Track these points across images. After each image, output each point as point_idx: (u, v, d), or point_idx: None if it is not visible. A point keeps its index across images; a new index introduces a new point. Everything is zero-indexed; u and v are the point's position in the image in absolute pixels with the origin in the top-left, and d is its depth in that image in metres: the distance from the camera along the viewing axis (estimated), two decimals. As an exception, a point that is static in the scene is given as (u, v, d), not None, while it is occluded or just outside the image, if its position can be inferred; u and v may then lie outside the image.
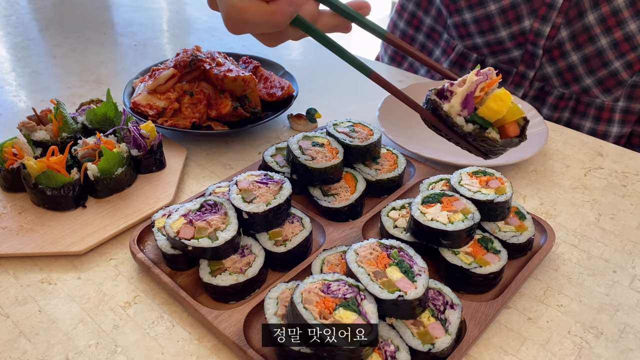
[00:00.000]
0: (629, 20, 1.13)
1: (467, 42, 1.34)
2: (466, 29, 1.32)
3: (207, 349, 0.71)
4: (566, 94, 1.28)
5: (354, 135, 0.95)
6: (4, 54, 1.55)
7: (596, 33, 1.17)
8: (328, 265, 0.76)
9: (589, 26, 1.17)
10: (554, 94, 1.30)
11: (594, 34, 1.17)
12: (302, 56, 1.55)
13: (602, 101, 1.26)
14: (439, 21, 1.41)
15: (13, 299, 0.78)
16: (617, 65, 1.18)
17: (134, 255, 0.81)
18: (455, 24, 1.33)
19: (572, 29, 1.19)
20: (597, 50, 1.18)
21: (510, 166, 1.08)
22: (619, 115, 1.28)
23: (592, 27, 1.17)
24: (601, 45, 1.17)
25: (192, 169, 1.06)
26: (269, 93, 1.23)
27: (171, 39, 1.67)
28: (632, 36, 1.13)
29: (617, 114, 1.27)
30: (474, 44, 1.33)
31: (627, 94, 1.25)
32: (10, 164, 0.93)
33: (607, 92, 1.23)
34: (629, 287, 0.82)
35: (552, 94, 1.31)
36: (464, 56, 1.38)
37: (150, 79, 1.15)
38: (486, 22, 1.27)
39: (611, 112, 1.28)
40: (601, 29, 1.16)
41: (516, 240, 0.81)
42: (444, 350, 0.65)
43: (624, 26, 1.14)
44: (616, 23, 1.14)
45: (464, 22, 1.31)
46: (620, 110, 1.27)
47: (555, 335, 0.74)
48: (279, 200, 0.79)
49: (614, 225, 0.94)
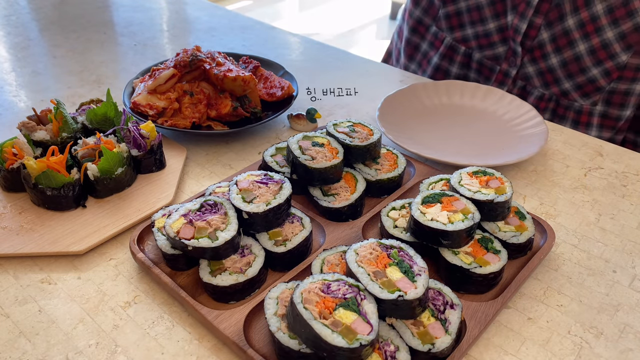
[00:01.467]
0: (607, 28, 1.13)
1: (456, 34, 1.36)
2: (458, 19, 1.35)
3: (207, 349, 0.72)
4: (546, 95, 1.30)
5: (354, 135, 0.95)
6: (4, 54, 1.55)
7: (575, 38, 1.18)
8: (328, 265, 0.76)
9: (569, 30, 1.18)
10: (534, 94, 1.32)
11: (573, 39, 1.18)
12: (302, 56, 1.55)
13: (580, 105, 1.27)
14: (429, 13, 1.43)
15: (13, 299, 0.78)
16: (595, 72, 1.19)
17: (134, 255, 0.82)
18: (448, 13, 1.36)
19: (553, 31, 1.20)
20: (576, 55, 1.20)
21: (510, 166, 1.08)
22: (597, 120, 1.29)
23: (571, 32, 1.18)
24: (579, 51, 1.19)
25: (192, 169, 1.06)
26: (269, 93, 1.23)
27: (171, 39, 1.67)
28: (609, 44, 1.14)
29: (595, 117, 1.28)
30: (463, 36, 1.35)
31: (605, 99, 1.26)
32: (10, 164, 0.93)
33: (585, 97, 1.25)
34: (629, 287, 0.82)
35: (533, 94, 1.33)
36: (452, 49, 1.41)
37: (150, 79, 1.15)
38: (476, 12, 1.30)
39: (589, 116, 1.29)
40: (580, 34, 1.17)
41: (516, 240, 0.81)
42: (444, 350, 0.65)
43: (602, 33, 1.14)
44: (594, 29, 1.15)
45: (457, 11, 1.34)
46: (598, 115, 1.28)
47: (555, 335, 0.74)
48: (279, 200, 0.79)
49: (614, 225, 0.94)
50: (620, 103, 1.24)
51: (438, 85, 1.29)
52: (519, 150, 1.07)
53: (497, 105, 1.24)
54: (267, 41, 1.63)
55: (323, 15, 5.16)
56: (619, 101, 1.23)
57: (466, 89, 1.28)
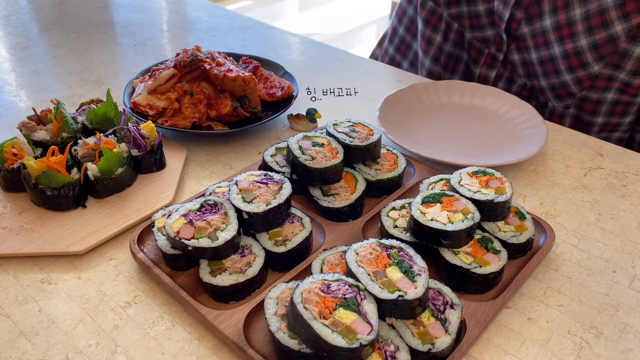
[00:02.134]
0: (581, 35, 1.13)
1: (452, 10, 1.37)
2: None
3: (207, 349, 0.72)
4: (528, 85, 1.31)
5: (354, 135, 0.95)
6: (4, 54, 1.55)
7: (551, 39, 1.18)
8: (328, 265, 0.76)
9: (546, 30, 1.18)
10: (518, 82, 1.34)
11: (550, 40, 1.19)
12: (302, 56, 1.55)
13: (553, 106, 1.28)
14: None
15: (13, 299, 0.78)
16: (567, 78, 1.20)
17: (134, 255, 0.82)
18: None
19: (532, 27, 1.21)
20: (551, 56, 1.20)
21: (510, 166, 1.08)
22: (569, 122, 1.30)
23: (548, 32, 1.18)
24: (554, 53, 1.19)
25: (192, 169, 1.06)
26: (269, 93, 1.23)
27: (171, 39, 1.67)
28: (582, 52, 1.14)
29: (567, 119, 1.30)
30: (458, 13, 1.36)
31: (577, 104, 1.27)
32: (11, 164, 0.93)
33: (558, 99, 1.26)
34: (629, 287, 0.82)
35: (516, 83, 1.35)
36: (447, 25, 1.41)
37: (150, 79, 1.15)
38: None
39: (561, 119, 1.30)
40: (556, 37, 1.17)
41: (516, 240, 0.81)
42: (444, 350, 0.65)
43: (576, 40, 1.14)
44: (569, 34, 1.15)
45: None
46: (570, 117, 1.29)
47: (555, 335, 0.74)
48: (279, 200, 0.79)
49: (614, 225, 0.94)
50: (592, 111, 1.24)
51: (438, 85, 1.29)
52: (519, 150, 1.07)
53: (497, 105, 1.24)
54: (267, 41, 1.63)
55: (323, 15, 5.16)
56: (590, 109, 1.24)
57: (466, 89, 1.28)
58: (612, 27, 1.08)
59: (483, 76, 1.40)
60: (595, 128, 1.29)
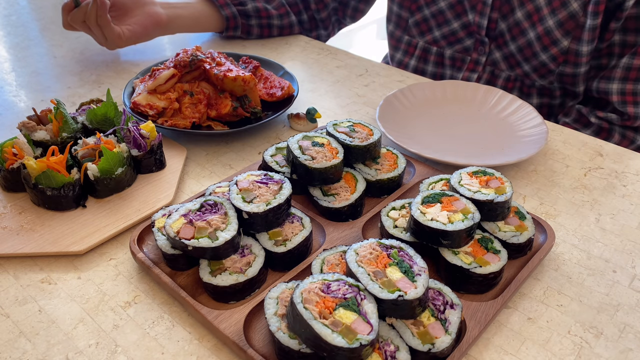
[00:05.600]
0: (548, 17, 1.30)
1: (427, 37, 1.54)
2: (426, 24, 1.52)
3: (207, 349, 0.72)
4: (512, 76, 1.46)
5: (354, 135, 0.95)
6: (4, 54, 1.55)
7: (525, 27, 1.35)
8: (328, 265, 0.76)
9: (519, 21, 1.35)
10: (502, 76, 1.47)
11: (524, 28, 1.35)
12: (302, 56, 1.55)
13: (540, 84, 1.43)
14: (400, 25, 1.60)
15: (13, 299, 0.78)
16: (544, 57, 1.35)
17: (134, 255, 0.82)
18: (417, 21, 1.54)
19: (508, 22, 1.37)
20: (528, 42, 1.36)
21: (510, 166, 1.08)
22: (559, 92, 1.44)
23: (521, 22, 1.35)
24: (530, 38, 1.35)
25: (192, 169, 1.06)
26: (269, 93, 1.23)
27: (171, 39, 1.67)
28: (551, 31, 1.30)
29: (556, 91, 1.44)
30: (434, 38, 1.53)
31: (558, 79, 1.41)
32: (10, 164, 0.93)
33: (542, 78, 1.41)
34: (628, 287, 0.82)
35: (501, 77, 1.48)
36: (426, 51, 1.57)
37: (150, 79, 1.15)
38: (440, 16, 1.49)
39: (551, 91, 1.45)
40: (528, 24, 1.34)
41: (516, 240, 0.81)
42: (444, 350, 0.65)
43: (544, 22, 1.31)
44: (539, 19, 1.32)
45: (424, 18, 1.52)
46: (558, 89, 1.44)
47: (555, 335, 0.74)
48: (279, 200, 0.79)
49: (614, 225, 0.94)
50: (571, 83, 1.39)
51: (438, 85, 1.29)
52: (519, 150, 1.07)
53: (497, 105, 1.24)
54: (267, 41, 1.63)
55: (323, 15, 5.14)
56: (570, 82, 1.39)
57: (466, 89, 1.28)
58: (570, 5, 1.25)
59: (465, 80, 1.52)
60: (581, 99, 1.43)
